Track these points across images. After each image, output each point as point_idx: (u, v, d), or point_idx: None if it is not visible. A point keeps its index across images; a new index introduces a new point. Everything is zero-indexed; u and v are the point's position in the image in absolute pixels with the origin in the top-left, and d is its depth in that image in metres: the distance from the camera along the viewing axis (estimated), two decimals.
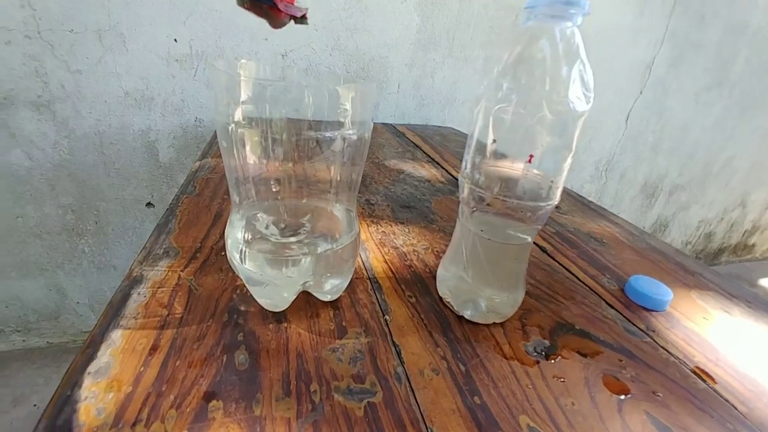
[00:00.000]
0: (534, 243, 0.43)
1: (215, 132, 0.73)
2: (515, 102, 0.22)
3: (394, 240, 0.40)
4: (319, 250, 0.27)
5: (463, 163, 0.27)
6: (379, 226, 0.43)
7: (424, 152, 0.74)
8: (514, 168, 0.24)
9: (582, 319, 0.31)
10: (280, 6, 0.30)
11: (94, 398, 0.20)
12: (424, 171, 0.63)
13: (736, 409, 0.25)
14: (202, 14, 0.79)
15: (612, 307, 0.34)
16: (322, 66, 0.90)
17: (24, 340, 1.01)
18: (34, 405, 0.90)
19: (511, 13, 1.00)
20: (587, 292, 0.35)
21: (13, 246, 0.89)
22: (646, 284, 0.35)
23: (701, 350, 0.30)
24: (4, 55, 0.73)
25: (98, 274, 0.98)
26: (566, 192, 0.61)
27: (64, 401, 0.20)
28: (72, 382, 0.21)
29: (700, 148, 1.49)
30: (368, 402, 0.22)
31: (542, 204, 0.24)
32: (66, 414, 0.19)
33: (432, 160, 0.70)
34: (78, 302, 1.00)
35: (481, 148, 0.24)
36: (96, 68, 0.78)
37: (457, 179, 0.61)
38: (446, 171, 0.64)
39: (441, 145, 0.80)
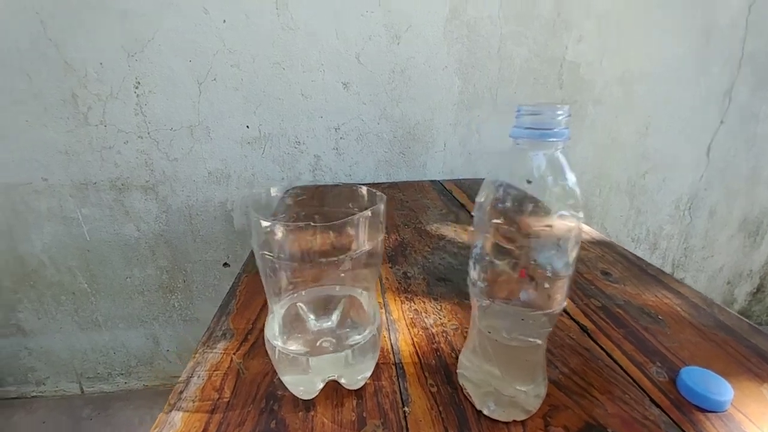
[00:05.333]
0: (574, 320, 0.42)
1: (278, 203, 0.83)
2: (508, 220, 0.24)
3: (425, 319, 0.42)
4: (346, 342, 0.30)
5: (469, 268, 0.28)
6: (413, 303, 0.45)
7: (468, 212, 0.75)
8: (512, 278, 0.25)
9: (617, 420, 0.29)
10: None
11: None
12: (466, 236, 0.64)
13: None
14: (269, 103, 0.93)
15: (657, 405, 0.31)
16: (371, 134, 0.98)
17: (126, 383, 1.17)
18: None
19: (556, 64, 1.00)
20: (629, 385, 0.33)
21: (122, 301, 1.07)
22: (702, 378, 0.32)
23: None
24: (124, 151, 0.93)
25: (184, 326, 1.12)
26: (620, 254, 0.57)
27: None
28: None
29: None
30: None
31: (541, 312, 0.25)
32: None
33: None
34: (168, 350, 1.15)
35: (480, 258, 0.26)
36: (188, 156, 0.94)
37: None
38: None
39: None
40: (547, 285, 0.24)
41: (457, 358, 0.35)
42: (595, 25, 0.98)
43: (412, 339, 0.39)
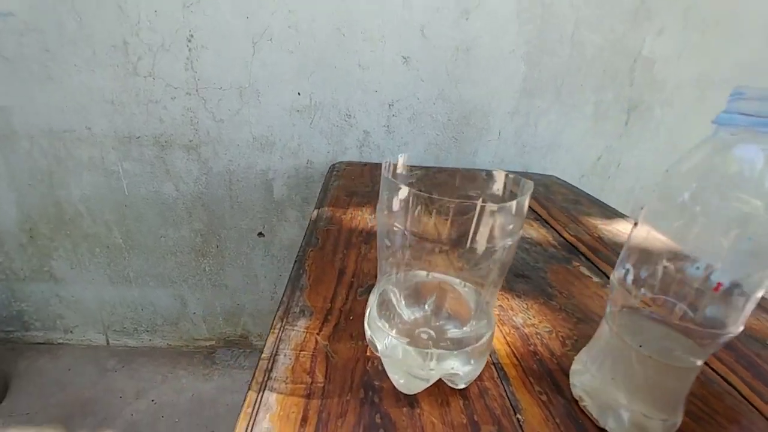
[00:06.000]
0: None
1: (326, 177, 0.80)
2: (697, 218, 0.21)
3: (513, 318, 0.39)
4: (463, 347, 0.27)
5: (620, 268, 0.25)
6: (497, 299, 0.42)
7: (529, 207, 0.71)
8: (690, 288, 0.22)
9: None
10: None
11: None
12: (533, 231, 0.61)
13: None
14: (323, 71, 0.88)
15: None
16: (425, 114, 0.94)
17: (150, 339, 1.18)
18: (152, 401, 1.04)
19: (630, 57, 0.93)
20: (755, 415, 0.30)
21: (154, 260, 1.06)
22: None
23: None
24: (170, 107, 0.90)
25: (213, 291, 1.11)
26: None
27: None
28: None
29: None
30: None
31: (722, 332, 0.22)
32: None
33: (540, 217, 0.67)
34: (194, 312, 1.15)
35: (647, 259, 0.23)
36: (234, 118, 0.91)
37: (569, 243, 0.57)
38: (557, 232, 0.61)
39: (546, 199, 0.76)
40: (741, 303, 0.21)
41: (560, 367, 0.32)
42: (680, 17, 0.90)
43: (505, 338, 0.36)
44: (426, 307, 0.30)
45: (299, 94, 0.90)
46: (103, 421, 0.97)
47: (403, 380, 0.28)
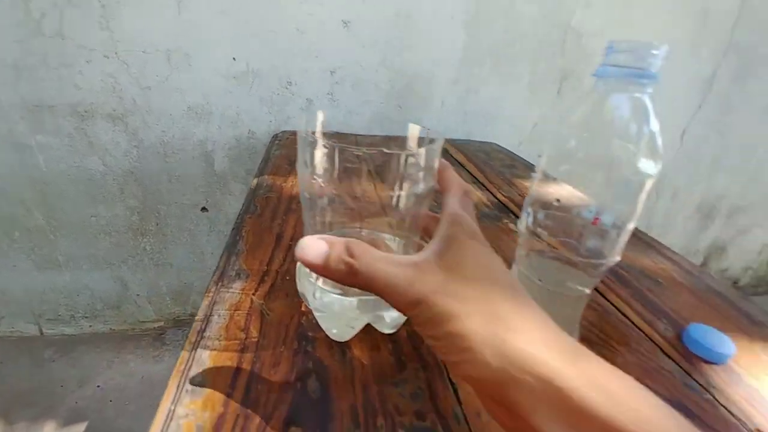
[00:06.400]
0: None
1: (268, 147, 0.78)
2: (581, 162, 0.23)
3: None
4: None
5: (524, 213, 0.28)
6: None
7: (468, 172, 0.74)
8: (576, 225, 0.25)
9: (638, 369, 0.31)
10: None
11: (194, 416, 0.23)
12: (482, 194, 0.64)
13: None
14: (260, 35, 0.84)
15: (669, 357, 0.33)
16: (369, 82, 0.93)
17: (91, 326, 1.12)
18: (98, 386, 0.99)
19: (561, 29, 0.98)
20: (642, 339, 0.35)
21: (86, 241, 0.99)
22: (707, 334, 0.35)
23: (763, 411, 0.29)
24: (86, 72, 0.82)
25: (156, 270, 1.06)
26: None
27: (170, 416, 0.23)
28: (173, 398, 0.25)
29: (766, 167, 1.39)
30: None
31: (603, 261, 0.25)
32: (173, 429, 0.23)
33: (477, 181, 0.70)
34: (138, 294, 1.09)
35: (543, 202, 0.25)
36: (163, 85, 0.85)
37: (501, 203, 0.61)
38: (491, 194, 0.65)
39: (485, 164, 0.80)
40: (615, 235, 0.24)
41: None
42: None
43: None
44: None
45: (234, 59, 0.85)
46: (46, 410, 0.92)
47: (335, 329, 0.30)
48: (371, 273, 0.19)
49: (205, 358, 0.27)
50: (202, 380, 0.26)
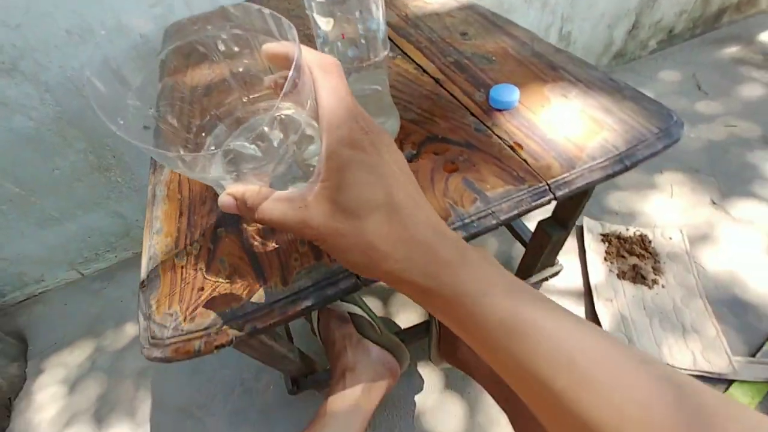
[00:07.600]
0: (428, 74, 0.54)
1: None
2: None
3: None
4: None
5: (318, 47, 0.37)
6: None
7: None
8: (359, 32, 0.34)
9: (446, 130, 0.45)
10: None
11: (160, 244, 0.39)
12: None
13: (526, 162, 0.40)
14: None
15: (473, 115, 0.47)
16: None
17: (116, 256, 1.33)
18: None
19: None
20: (458, 108, 0.48)
21: (66, 193, 1.10)
22: (502, 91, 0.47)
23: (525, 130, 0.44)
24: None
25: (138, 195, 1.20)
26: (480, 14, 0.65)
27: (148, 249, 0.39)
28: (148, 243, 0.40)
29: None
30: None
31: (371, 63, 0.35)
32: (152, 250, 0.39)
33: None
34: (137, 219, 1.26)
35: (325, 40, 0.34)
36: (28, 16, 0.80)
37: None
38: None
39: None
40: (364, 41, 0.34)
41: None
42: None
43: None
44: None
45: None
46: (117, 323, 1.20)
47: None
48: (268, 220, 0.23)
49: (160, 214, 0.42)
50: (160, 227, 0.41)
